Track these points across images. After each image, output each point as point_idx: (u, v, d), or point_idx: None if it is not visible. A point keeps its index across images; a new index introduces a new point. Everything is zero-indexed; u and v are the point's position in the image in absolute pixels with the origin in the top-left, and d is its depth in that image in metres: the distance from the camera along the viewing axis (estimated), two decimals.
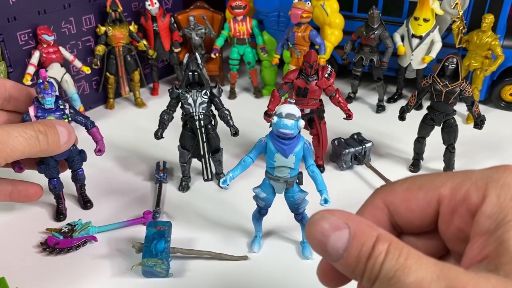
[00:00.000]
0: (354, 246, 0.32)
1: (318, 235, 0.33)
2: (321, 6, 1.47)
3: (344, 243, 0.32)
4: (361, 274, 0.32)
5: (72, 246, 0.95)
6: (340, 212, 0.34)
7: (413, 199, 0.37)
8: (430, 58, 1.43)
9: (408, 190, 0.38)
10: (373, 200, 0.39)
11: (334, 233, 0.33)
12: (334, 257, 0.33)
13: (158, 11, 1.54)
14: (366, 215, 0.39)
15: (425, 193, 0.37)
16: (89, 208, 1.08)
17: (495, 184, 0.34)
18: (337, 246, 0.33)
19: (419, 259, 0.31)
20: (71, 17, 1.41)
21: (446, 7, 1.40)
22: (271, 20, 1.63)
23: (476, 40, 1.36)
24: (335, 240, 0.33)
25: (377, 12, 1.41)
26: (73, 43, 1.44)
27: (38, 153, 0.69)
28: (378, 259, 0.31)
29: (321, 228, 0.33)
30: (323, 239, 0.33)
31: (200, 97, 1.05)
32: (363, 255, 0.32)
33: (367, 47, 1.47)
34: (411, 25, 1.43)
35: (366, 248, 0.32)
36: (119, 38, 1.46)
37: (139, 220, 1.02)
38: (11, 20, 1.26)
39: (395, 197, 0.38)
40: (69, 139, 0.77)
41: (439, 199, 0.36)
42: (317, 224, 0.34)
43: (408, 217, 0.38)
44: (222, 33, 1.58)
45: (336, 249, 0.33)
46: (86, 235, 0.97)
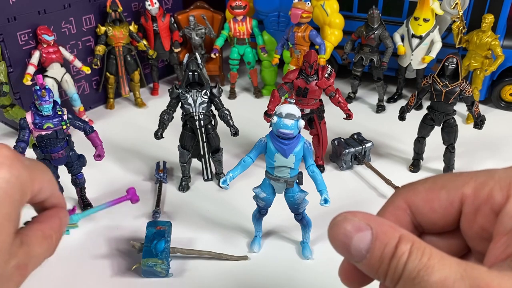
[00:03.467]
0: (377, 247, 0.33)
1: (341, 236, 0.34)
2: (321, 6, 1.47)
3: (367, 244, 0.33)
4: (384, 274, 0.33)
5: None
6: (362, 214, 0.35)
7: (435, 199, 0.37)
8: (430, 58, 1.43)
9: (431, 190, 0.38)
10: (395, 200, 0.39)
11: (356, 235, 0.33)
12: (357, 258, 0.33)
13: (158, 11, 1.54)
14: (388, 215, 0.39)
15: (448, 193, 0.37)
16: None
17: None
18: (360, 247, 0.33)
19: (442, 259, 0.32)
20: (71, 17, 1.41)
21: (446, 7, 1.40)
22: (271, 20, 1.63)
23: (476, 40, 1.36)
24: (358, 242, 0.33)
25: (377, 12, 1.41)
26: (73, 43, 1.44)
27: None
28: (401, 259, 0.32)
29: (344, 230, 0.34)
30: (346, 240, 0.34)
31: (200, 97, 1.05)
32: (386, 256, 0.32)
33: (367, 47, 1.47)
34: (411, 25, 1.43)
35: (389, 249, 0.32)
36: (119, 38, 1.46)
37: (123, 199, 1.03)
38: (11, 20, 1.26)
39: (417, 197, 0.38)
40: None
41: (462, 199, 0.36)
42: (339, 226, 0.34)
43: (431, 217, 0.38)
44: (222, 33, 1.58)
45: (359, 250, 0.33)
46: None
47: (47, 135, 0.94)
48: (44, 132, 0.94)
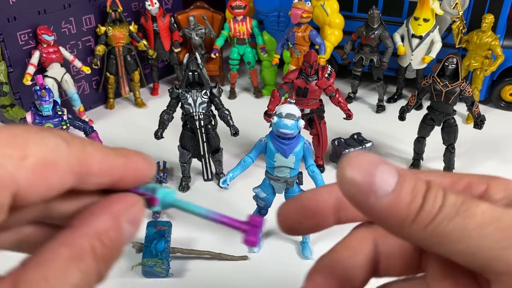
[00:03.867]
0: (407, 179, 0.27)
1: (364, 163, 0.28)
2: (321, 6, 1.47)
3: (394, 176, 0.27)
4: (418, 209, 0.27)
5: None
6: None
7: None
8: (430, 58, 1.43)
9: None
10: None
11: (381, 165, 0.28)
12: (383, 191, 0.27)
13: (158, 11, 1.54)
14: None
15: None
16: None
17: (497, 177, 0.34)
18: (387, 177, 0.27)
19: (479, 200, 0.28)
20: (71, 17, 1.41)
21: (446, 7, 1.40)
22: (271, 20, 1.63)
23: (476, 40, 1.36)
24: (384, 172, 0.27)
25: (377, 12, 1.41)
26: (73, 43, 1.44)
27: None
28: (439, 192, 0.27)
29: (368, 159, 0.28)
30: (370, 168, 0.27)
31: (200, 97, 1.05)
32: (421, 188, 0.27)
33: (367, 47, 1.47)
34: (411, 25, 1.43)
35: (422, 184, 0.28)
36: (119, 38, 1.46)
37: (239, 227, 1.01)
38: (11, 20, 1.26)
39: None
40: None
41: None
42: (361, 156, 0.28)
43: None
44: (222, 33, 1.58)
45: (386, 181, 0.27)
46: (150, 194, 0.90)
47: None
48: None
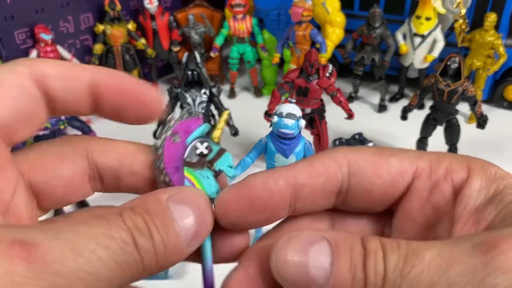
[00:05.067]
0: (342, 253, 0.25)
1: (294, 257, 0.26)
2: (322, 5, 1.45)
3: (328, 255, 0.25)
4: (363, 285, 0.25)
5: None
6: (306, 231, 0.28)
7: (384, 164, 0.30)
8: (432, 58, 1.42)
9: (379, 154, 0.31)
10: (331, 152, 0.31)
11: (312, 248, 0.26)
12: (322, 277, 0.25)
13: (157, 9, 1.53)
14: (318, 164, 0.30)
15: (400, 161, 0.30)
16: None
17: (475, 160, 0.30)
18: (321, 260, 0.25)
19: (424, 243, 0.25)
20: (69, 15, 1.39)
21: (448, 5, 1.39)
22: (271, 18, 1.62)
23: (478, 39, 1.35)
24: (317, 255, 0.25)
25: (378, 10, 1.40)
26: (71, 42, 1.43)
27: (139, 276, 0.28)
28: (377, 256, 0.25)
29: (294, 247, 0.26)
30: (301, 259, 0.25)
31: (200, 96, 1.04)
32: (358, 259, 0.25)
33: (368, 46, 1.45)
34: (413, 24, 1.41)
35: (358, 251, 0.25)
36: (118, 37, 1.45)
37: None
38: (9, 19, 1.25)
39: (363, 157, 0.31)
40: (198, 231, 0.30)
41: (416, 172, 0.30)
42: (288, 247, 0.26)
43: (371, 184, 0.30)
44: (222, 32, 1.57)
45: (320, 266, 0.25)
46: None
47: (44, 135, 0.93)
48: (41, 132, 0.93)
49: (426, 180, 0.30)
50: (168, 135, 0.31)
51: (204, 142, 0.31)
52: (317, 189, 0.30)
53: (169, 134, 0.31)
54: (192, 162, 0.30)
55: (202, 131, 0.31)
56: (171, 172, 0.30)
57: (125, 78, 0.31)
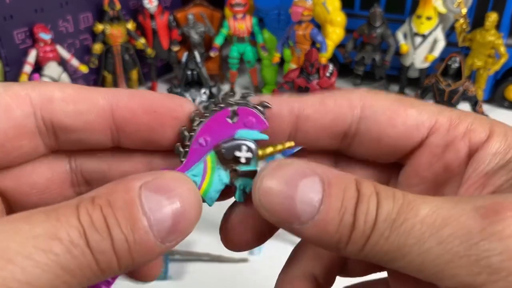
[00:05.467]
0: (334, 193, 0.23)
1: (280, 187, 0.23)
2: (322, 4, 1.45)
3: (319, 192, 0.23)
4: (349, 230, 0.23)
5: None
6: (298, 161, 0.24)
7: (401, 113, 0.28)
8: (432, 57, 1.41)
9: (399, 102, 0.28)
10: (349, 93, 0.29)
11: (302, 181, 0.23)
12: (307, 214, 0.23)
13: (156, 9, 1.52)
14: (329, 102, 0.28)
15: (419, 113, 0.28)
16: None
17: (499, 124, 0.29)
18: (310, 196, 0.23)
19: (421, 196, 0.23)
20: (69, 15, 1.39)
21: (449, 5, 1.39)
22: (271, 18, 1.61)
23: (479, 39, 1.35)
24: (306, 189, 0.23)
25: (379, 10, 1.40)
26: (71, 42, 1.42)
27: (96, 279, 0.23)
28: (370, 202, 0.23)
29: (282, 177, 0.23)
30: (288, 190, 0.23)
31: (199, 96, 1.04)
32: (350, 202, 0.23)
33: (369, 45, 1.45)
34: (413, 24, 1.41)
35: (351, 193, 0.23)
36: (117, 36, 1.45)
37: None
38: (8, 19, 1.25)
39: (380, 102, 0.28)
40: (177, 225, 0.25)
41: (434, 127, 0.28)
42: (276, 175, 0.23)
43: (382, 133, 0.28)
44: (221, 32, 1.57)
45: (308, 202, 0.23)
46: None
47: None
48: None
49: (442, 136, 0.28)
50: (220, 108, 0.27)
51: (250, 152, 0.27)
52: (322, 125, 0.28)
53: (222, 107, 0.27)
54: (224, 155, 0.27)
55: (259, 137, 0.27)
56: (196, 142, 0.27)
57: (150, 94, 0.27)
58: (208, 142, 0.27)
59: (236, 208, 0.28)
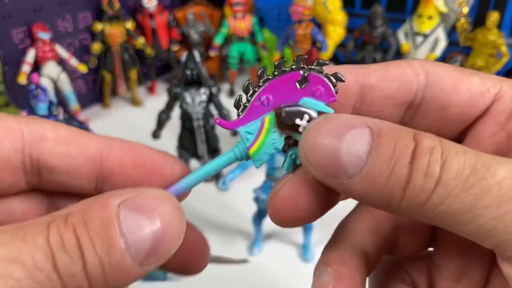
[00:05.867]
0: (384, 143, 0.21)
1: (326, 139, 0.22)
2: (322, 3, 1.44)
3: (367, 143, 0.21)
4: (403, 184, 0.20)
5: None
6: (346, 114, 0.24)
7: (465, 80, 0.26)
8: (434, 57, 1.40)
9: (460, 70, 0.26)
10: (410, 60, 0.27)
11: (349, 132, 0.21)
12: (354, 167, 0.21)
13: (156, 8, 1.52)
14: (393, 69, 0.26)
15: (482, 80, 0.26)
16: None
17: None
18: (357, 148, 0.21)
19: (495, 157, 0.21)
20: (68, 14, 1.38)
21: (450, 4, 1.38)
22: (271, 17, 1.61)
23: (480, 38, 1.34)
24: (354, 141, 0.21)
25: (379, 10, 1.39)
26: (70, 42, 1.42)
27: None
28: (433, 155, 0.20)
29: (328, 129, 0.22)
30: (334, 142, 0.21)
31: (199, 96, 1.03)
32: (403, 153, 0.20)
33: (370, 45, 1.44)
34: (414, 23, 1.41)
35: (406, 143, 0.21)
36: (116, 36, 1.44)
37: None
38: (6, 18, 1.24)
39: (442, 70, 0.26)
40: (157, 247, 0.22)
41: (498, 94, 0.26)
42: (321, 127, 0.22)
43: (448, 100, 0.26)
44: (221, 31, 1.56)
45: (356, 154, 0.21)
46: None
47: None
48: None
49: (507, 103, 0.26)
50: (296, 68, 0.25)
51: (311, 121, 0.24)
52: (388, 94, 0.26)
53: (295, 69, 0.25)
54: (284, 119, 0.25)
55: (324, 109, 0.25)
56: (258, 99, 0.25)
57: (143, 148, 0.26)
58: (270, 102, 0.25)
59: (288, 179, 0.26)
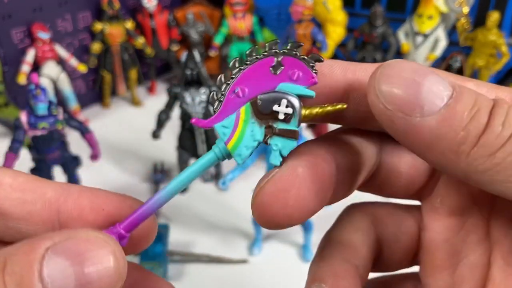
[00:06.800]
0: (466, 92, 0.21)
1: (406, 72, 0.21)
2: (322, 3, 1.44)
3: (448, 88, 0.20)
4: (480, 130, 0.20)
5: None
6: None
7: (461, 84, 0.24)
8: (434, 57, 1.40)
9: (455, 76, 0.26)
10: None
11: (430, 74, 0.21)
12: (432, 106, 0.20)
13: (155, 8, 1.51)
14: None
15: (477, 86, 0.25)
16: None
17: None
18: (439, 88, 0.20)
19: None
20: (67, 14, 1.38)
21: (451, 4, 1.38)
22: (271, 17, 1.60)
23: (481, 38, 1.34)
24: (435, 81, 0.20)
25: (380, 9, 1.39)
26: (70, 41, 1.41)
27: None
28: (511, 110, 0.20)
29: (412, 67, 0.21)
30: (414, 78, 0.20)
31: (199, 96, 1.03)
32: (484, 103, 0.20)
33: (370, 45, 1.44)
34: (414, 23, 1.40)
35: (486, 98, 0.21)
36: (116, 36, 1.44)
37: None
38: (6, 18, 1.24)
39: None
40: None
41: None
42: (402, 64, 0.22)
43: None
44: (221, 31, 1.56)
45: (437, 93, 0.20)
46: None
47: (42, 136, 0.92)
48: (39, 132, 0.92)
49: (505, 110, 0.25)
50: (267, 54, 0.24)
51: (290, 108, 0.23)
52: None
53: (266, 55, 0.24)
54: (260, 108, 0.23)
55: (304, 92, 0.23)
56: (232, 91, 0.24)
57: (102, 193, 0.25)
58: (245, 93, 0.24)
59: (275, 173, 0.24)
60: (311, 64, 0.24)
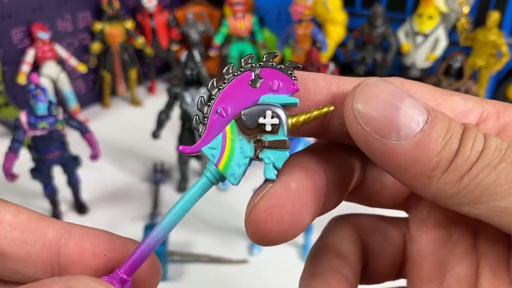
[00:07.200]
0: (440, 117, 0.21)
1: (384, 95, 0.21)
2: (322, 3, 1.44)
3: (423, 113, 0.21)
4: (452, 156, 0.20)
5: None
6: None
7: (447, 99, 0.25)
8: (434, 57, 1.40)
9: (440, 90, 0.26)
10: (389, 78, 0.26)
11: (409, 98, 0.21)
12: (408, 130, 0.21)
13: (155, 8, 1.51)
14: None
15: (464, 101, 0.26)
16: (84, 212, 1.05)
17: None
18: (415, 112, 0.21)
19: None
20: (67, 14, 1.38)
21: (451, 4, 1.38)
22: (271, 17, 1.60)
23: (481, 38, 1.34)
24: (411, 105, 0.21)
25: (380, 9, 1.39)
26: (69, 41, 1.41)
27: None
28: (478, 134, 0.21)
29: (389, 89, 0.21)
30: (394, 100, 0.21)
31: (199, 96, 1.03)
32: (455, 130, 0.21)
33: (370, 45, 1.44)
34: (415, 23, 1.40)
35: (457, 124, 0.21)
36: (116, 36, 1.44)
37: None
38: (6, 18, 1.24)
39: (424, 89, 0.26)
40: None
41: (482, 114, 0.25)
42: (379, 86, 0.22)
43: None
44: (221, 30, 1.56)
45: (414, 117, 0.21)
46: None
47: (42, 136, 0.92)
48: (39, 132, 0.92)
49: (494, 123, 0.25)
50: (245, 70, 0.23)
51: (276, 118, 0.23)
52: None
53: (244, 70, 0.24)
54: (245, 123, 0.23)
55: (288, 101, 0.23)
56: (215, 112, 0.23)
57: (104, 235, 0.25)
58: (228, 112, 0.23)
59: (268, 189, 0.23)
60: (289, 71, 0.23)
